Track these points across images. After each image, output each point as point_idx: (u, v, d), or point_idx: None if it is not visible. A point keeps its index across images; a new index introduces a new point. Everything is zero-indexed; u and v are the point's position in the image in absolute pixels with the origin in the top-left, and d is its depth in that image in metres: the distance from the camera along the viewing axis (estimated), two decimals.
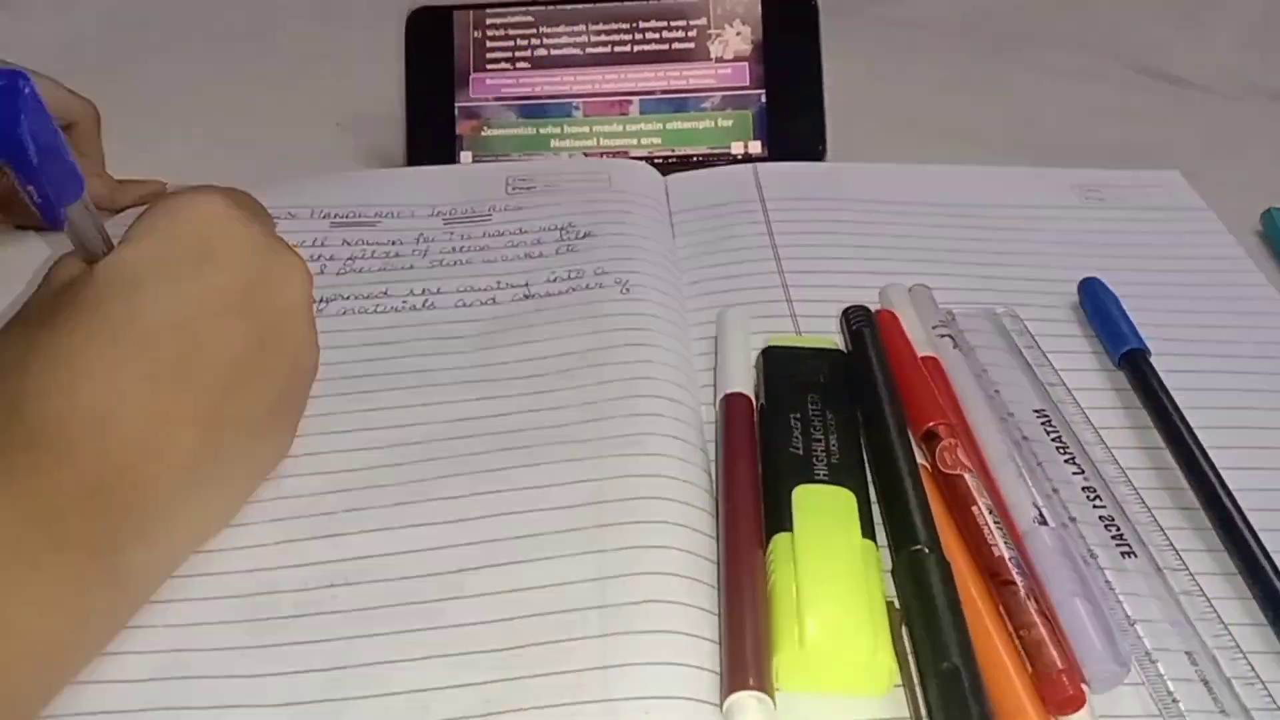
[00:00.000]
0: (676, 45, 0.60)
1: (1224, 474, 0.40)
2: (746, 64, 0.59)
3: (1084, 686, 0.32)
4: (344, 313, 0.49)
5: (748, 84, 0.59)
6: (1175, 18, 0.74)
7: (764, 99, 0.59)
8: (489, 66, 0.60)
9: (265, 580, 0.37)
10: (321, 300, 0.49)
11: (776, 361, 0.43)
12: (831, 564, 0.34)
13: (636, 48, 0.60)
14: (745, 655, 0.33)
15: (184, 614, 0.36)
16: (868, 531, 0.36)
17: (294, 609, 0.36)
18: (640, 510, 0.38)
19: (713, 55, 0.60)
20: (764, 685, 0.32)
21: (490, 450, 0.41)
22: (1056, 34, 0.74)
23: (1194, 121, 0.65)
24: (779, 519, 0.36)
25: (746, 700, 0.32)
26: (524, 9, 0.60)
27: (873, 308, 0.47)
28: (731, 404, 0.42)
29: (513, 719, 0.32)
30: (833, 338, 0.46)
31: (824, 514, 0.36)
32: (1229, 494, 0.39)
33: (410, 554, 0.38)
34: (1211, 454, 0.41)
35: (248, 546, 0.38)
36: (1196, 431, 0.42)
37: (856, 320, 0.45)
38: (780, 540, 0.35)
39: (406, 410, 0.43)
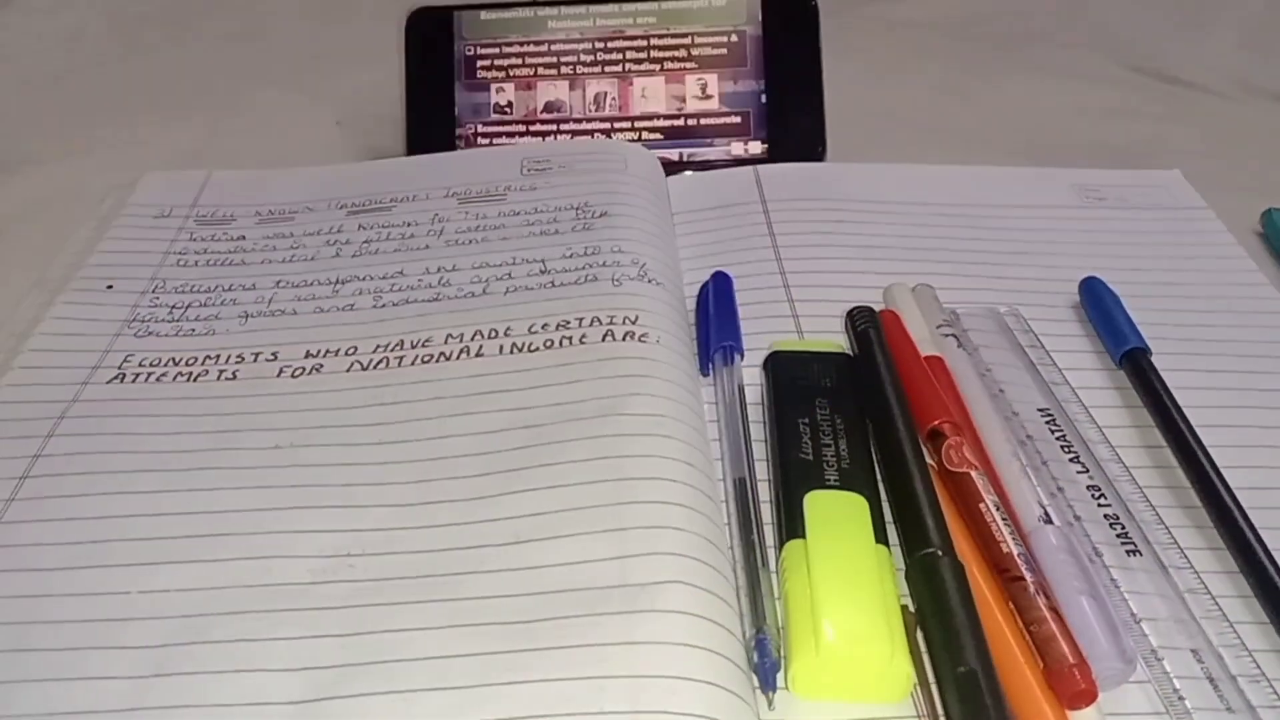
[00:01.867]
0: None
1: (1225, 473, 0.40)
2: (747, 58, 0.60)
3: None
4: (359, 293, 0.49)
5: (748, 74, 0.59)
6: (1174, 19, 0.75)
7: (764, 99, 0.59)
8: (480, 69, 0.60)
9: (281, 544, 0.37)
10: (337, 281, 0.50)
11: (783, 366, 0.43)
12: (846, 571, 0.34)
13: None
14: None
15: (198, 578, 0.36)
16: (880, 536, 0.36)
17: (308, 575, 0.36)
18: (660, 491, 0.38)
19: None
20: None
21: (509, 428, 0.41)
22: (1055, 35, 0.74)
23: (1193, 122, 0.65)
24: (792, 526, 0.36)
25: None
26: (524, 6, 0.60)
27: (876, 307, 0.47)
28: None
29: (537, 689, 0.32)
30: (836, 340, 0.46)
31: (836, 520, 0.36)
32: (1230, 493, 0.39)
33: (428, 529, 0.38)
34: (1213, 453, 0.41)
35: (263, 509, 0.39)
36: (1198, 430, 0.42)
37: (861, 321, 0.45)
38: (793, 548, 0.35)
39: (423, 385, 0.44)
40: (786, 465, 0.38)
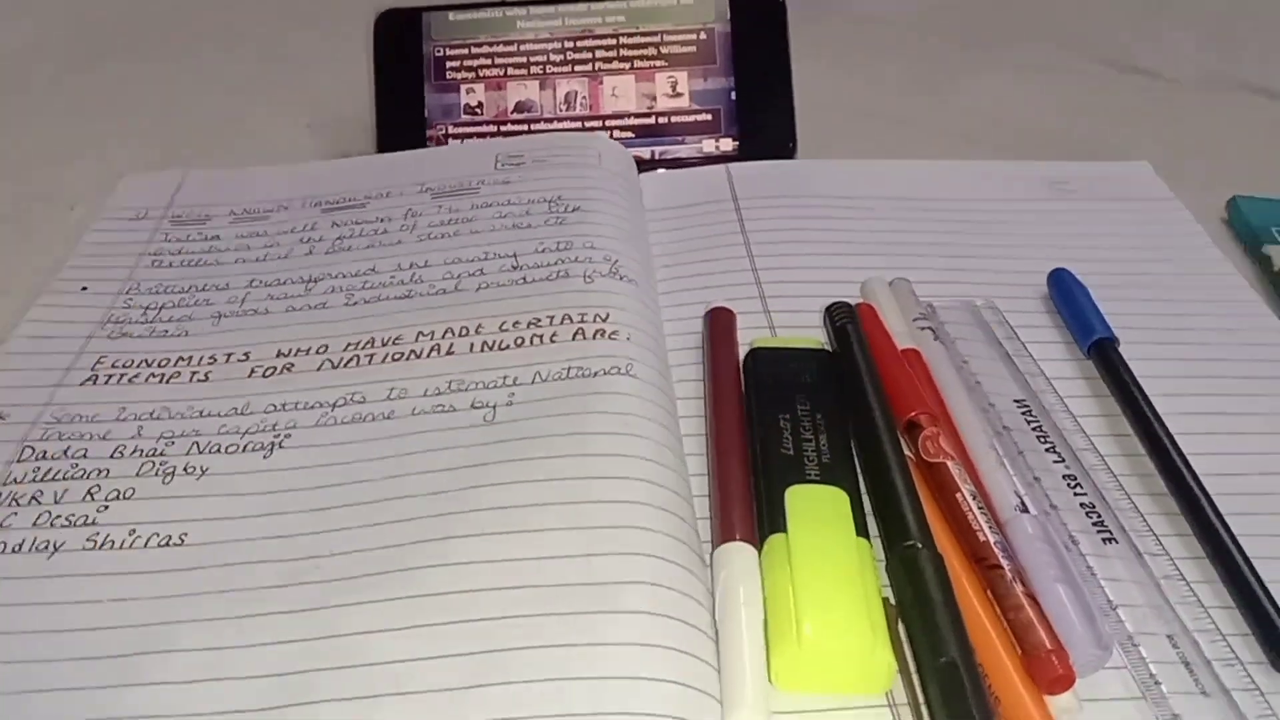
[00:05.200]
0: None
1: (1193, 460, 0.40)
2: (716, 55, 0.60)
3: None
4: (332, 291, 0.49)
5: (718, 71, 0.60)
6: (1139, 11, 0.75)
7: (734, 96, 0.59)
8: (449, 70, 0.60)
9: (247, 551, 0.37)
10: (310, 280, 0.50)
11: (763, 363, 0.43)
12: (827, 564, 0.34)
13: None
14: (732, 512, 0.37)
15: (165, 586, 0.36)
16: (861, 529, 0.36)
17: (276, 579, 0.36)
18: (629, 490, 0.38)
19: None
20: (751, 538, 0.36)
21: (477, 425, 0.41)
22: (1022, 29, 0.74)
23: (1161, 114, 0.66)
24: (773, 520, 0.36)
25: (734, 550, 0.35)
26: (493, 7, 0.60)
27: (851, 302, 0.47)
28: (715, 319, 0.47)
29: (495, 692, 0.32)
30: (814, 335, 0.46)
31: (817, 514, 0.36)
32: (1197, 480, 0.40)
33: (395, 524, 0.38)
34: (1180, 440, 0.41)
35: (232, 518, 0.39)
36: (1166, 418, 0.42)
37: (840, 317, 0.45)
38: (775, 542, 0.36)
39: (393, 384, 0.44)
40: (768, 461, 0.39)
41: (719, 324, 0.46)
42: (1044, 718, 0.31)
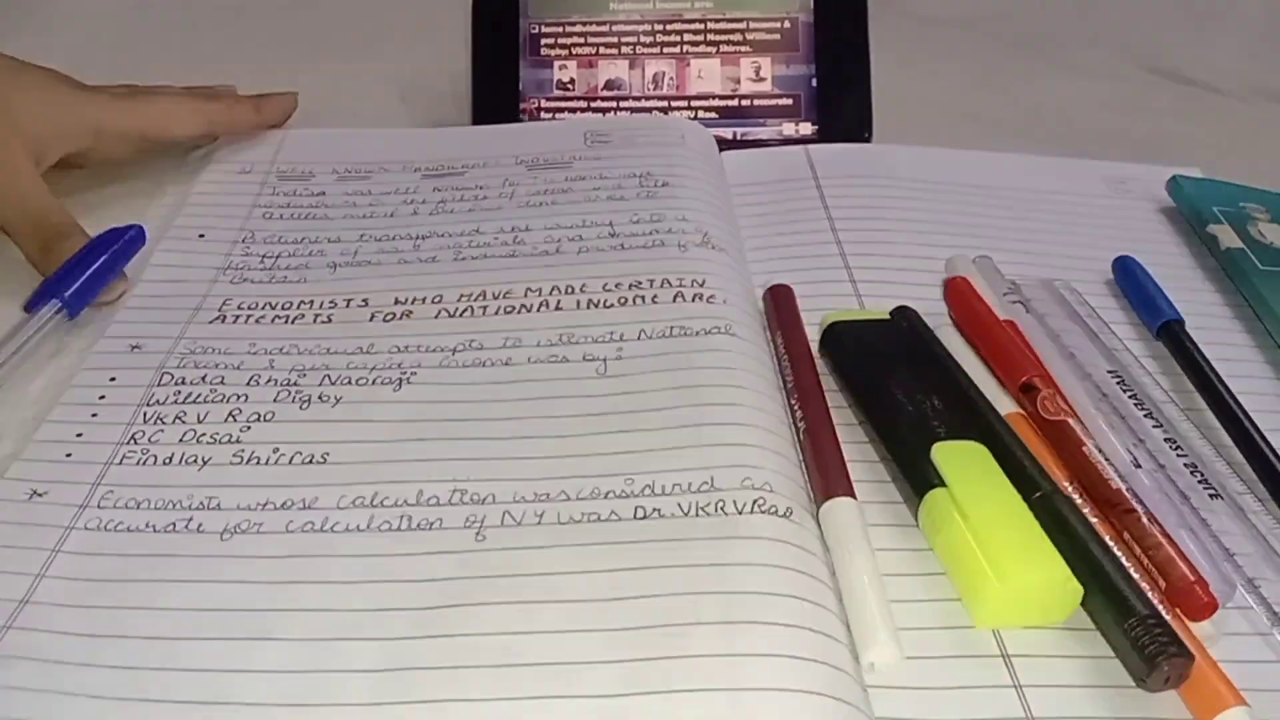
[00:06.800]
0: None
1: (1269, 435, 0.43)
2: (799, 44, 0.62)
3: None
4: (440, 248, 0.51)
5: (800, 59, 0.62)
6: (1183, 22, 0.78)
7: (814, 83, 0.62)
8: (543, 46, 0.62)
9: (392, 471, 0.40)
10: (418, 237, 0.52)
11: (846, 335, 0.45)
12: (998, 511, 0.36)
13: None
14: (830, 471, 0.39)
15: (314, 498, 0.39)
16: None
17: (423, 498, 0.39)
18: (738, 434, 0.40)
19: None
20: (851, 493, 0.38)
21: (589, 376, 0.44)
22: (1072, 35, 0.77)
23: (1206, 121, 0.69)
24: (925, 478, 0.38)
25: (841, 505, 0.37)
26: None
27: (931, 276, 0.50)
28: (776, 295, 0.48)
29: (632, 605, 0.35)
30: (902, 305, 0.48)
31: (968, 467, 0.38)
32: (1274, 451, 0.42)
33: (528, 460, 0.40)
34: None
35: (372, 441, 0.41)
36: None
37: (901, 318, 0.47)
38: (937, 497, 0.37)
39: (508, 334, 0.46)
40: (895, 423, 0.41)
41: (781, 299, 0.48)
42: (1192, 639, 0.34)
